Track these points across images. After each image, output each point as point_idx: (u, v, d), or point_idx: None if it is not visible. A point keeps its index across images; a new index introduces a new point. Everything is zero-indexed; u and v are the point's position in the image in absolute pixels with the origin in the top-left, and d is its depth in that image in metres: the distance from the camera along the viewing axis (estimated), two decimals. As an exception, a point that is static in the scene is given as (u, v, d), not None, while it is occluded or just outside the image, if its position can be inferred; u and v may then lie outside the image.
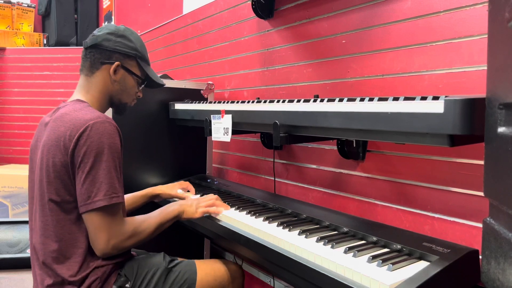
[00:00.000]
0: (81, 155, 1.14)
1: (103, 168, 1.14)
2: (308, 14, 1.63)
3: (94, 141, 1.14)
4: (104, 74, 1.32)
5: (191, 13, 2.58)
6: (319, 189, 1.60)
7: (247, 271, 2.01)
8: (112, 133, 1.18)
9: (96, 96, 1.33)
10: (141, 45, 1.39)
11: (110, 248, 1.16)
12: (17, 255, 2.69)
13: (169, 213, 1.32)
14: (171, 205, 1.35)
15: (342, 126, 1.04)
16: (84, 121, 1.16)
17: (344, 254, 0.99)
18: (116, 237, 1.17)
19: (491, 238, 0.66)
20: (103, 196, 1.13)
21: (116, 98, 1.37)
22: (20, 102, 3.96)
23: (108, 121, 1.18)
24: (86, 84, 1.33)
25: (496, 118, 0.64)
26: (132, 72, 1.36)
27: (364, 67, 1.40)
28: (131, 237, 1.21)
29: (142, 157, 1.90)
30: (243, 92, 2.06)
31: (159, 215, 1.30)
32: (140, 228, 1.23)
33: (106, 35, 1.31)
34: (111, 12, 4.23)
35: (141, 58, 1.38)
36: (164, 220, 1.30)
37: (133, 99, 1.42)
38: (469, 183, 1.10)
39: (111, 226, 1.16)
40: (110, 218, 1.16)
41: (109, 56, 1.32)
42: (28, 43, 4.34)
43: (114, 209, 1.16)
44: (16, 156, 3.99)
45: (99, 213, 1.14)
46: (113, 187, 1.15)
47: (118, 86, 1.35)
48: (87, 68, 1.33)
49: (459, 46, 1.13)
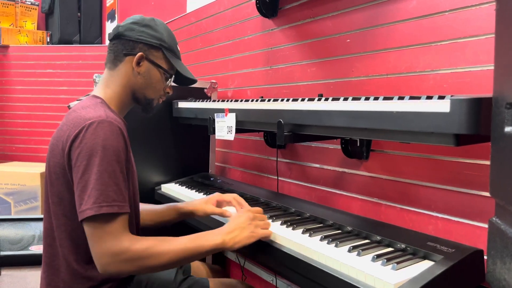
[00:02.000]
0: (75, 158, 1.03)
1: (95, 172, 1.00)
2: (312, 13, 1.63)
3: (88, 143, 1.02)
4: (127, 66, 1.21)
5: (194, 12, 2.58)
6: (322, 188, 1.60)
7: (249, 270, 2.01)
8: (111, 133, 1.04)
9: (117, 90, 1.22)
10: (168, 35, 1.27)
11: (104, 266, 0.99)
12: (19, 252, 2.70)
13: (204, 243, 1.06)
14: (214, 232, 1.10)
15: (347, 125, 1.04)
16: (83, 120, 1.05)
17: (348, 253, 0.99)
18: (111, 255, 0.98)
19: (497, 238, 0.66)
20: (92, 204, 0.98)
21: (140, 93, 1.25)
22: (23, 100, 3.96)
23: (109, 121, 1.05)
24: (108, 77, 1.23)
25: (503, 118, 0.63)
26: (157, 64, 1.24)
27: (368, 66, 1.40)
28: (132, 260, 1.00)
29: (145, 155, 1.90)
30: (247, 91, 2.06)
31: (188, 243, 1.05)
32: (149, 251, 1.00)
33: (130, 25, 1.22)
34: (114, 10, 4.23)
35: (168, 49, 1.26)
36: (194, 251, 1.05)
37: (160, 95, 1.29)
38: (473, 183, 1.10)
39: (104, 240, 0.98)
40: (102, 230, 0.99)
41: (132, 47, 1.21)
42: (32, 41, 4.34)
43: (108, 221, 1.00)
44: (19, 154, 4.00)
45: (90, 224, 1.00)
46: (104, 194, 0.99)
47: (142, 79, 1.23)
48: (110, 61, 1.24)
49: (464, 45, 1.12)
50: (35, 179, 3.35)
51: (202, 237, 1.08)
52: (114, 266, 0.99)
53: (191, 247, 1.05)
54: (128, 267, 1.01)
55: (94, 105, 1.15)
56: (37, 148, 3.92)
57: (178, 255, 1.04)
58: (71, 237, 1.11)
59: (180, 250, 1.04)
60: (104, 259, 0.99)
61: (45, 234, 1.17)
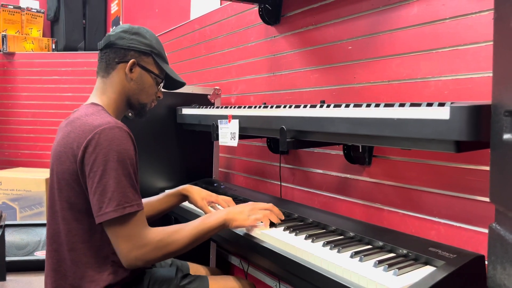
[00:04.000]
0: (90, 164, 1.07)
1: (114, 176, 1.06)
2: (315, 20, 1.64)
3: (103, 148, 1.07)
4: (120, 73, 1.27)
5: (198, 19, 2.61)
6: (325, 194, 1.61)
7: (253, 275, 2.02)
8: (123, 139, 1.10)
9: (113, 97, 1.27)
10: (156, 42, 1.33)
11: (133, 259, 1.08)
12: (25, 257, 2.73)
13: (211, 221, 1.19)
14: (216, 212, 1.24)
15: (349, 131, 1.05)
16: (93, 127, 1.10)
17: (351, 258, 0.99)
18: (138, 248, 1.08)
19: (497, 244, 0.67)
20: (116, 206, 1.05)
21: (134, 98, 1.30)
22: (29, 106, 4.00)
23: (119, 127, 1.11)
24: (102, 85, 1.28)
25: (502, 125, 0.64)
26: (149, 69, 1.29)
27: (370, 73, 1.41)
28: (157, 249, 1.10)
29: (149, 161, 1.92)
30: (250, 97, 2.07)
31: (198, 225, 1.17)
32: (169, 239, 1.12)
33: (120, 34, 1.27)
34: (119, 17, 4.27)
35: (158, 55, 1.32)
36: (203, 230, 1.17)
37: (152, 99, 1.35)
38: (475, 188, 1.11)
39: (131, 236, 1.08)
40: (127, 228, 1.08)
41: (124, 54, 1.26)
42: (37, 48, 4.39)
43: (130, 219, 1.08)
44: (24, 160, 4.03)
45: (115, 224, 1.07)
46: (125, 196, 1.07)
47: (135, 85, 1.28)
48: (103, 69, 1.29)
49: (465, 52, 1.13)
50: (41, 185, 3.37)
51: (208, 217, 1.21)
52: (143, 257, 1.09)
53: (202, 227, 1.17)
54: (154, 256, 1.11)
55: (97, 112, 1.18)
56: (42, 154, 3.95)
57: (194, 236, 1.15)
58: (84, 240, 1.15)
59: (194, 231, 1.16)
60: (134, 253, 1.08)
61: (51, 240, 1.19)
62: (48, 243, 1.20)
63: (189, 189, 1.50)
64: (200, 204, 1.46)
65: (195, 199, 1.47)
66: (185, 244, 1.14)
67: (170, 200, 1.51)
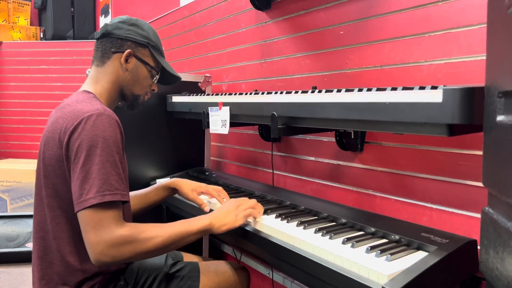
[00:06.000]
0: (75, 149, 1.04)
1: (96, 162, 1.02)
2: (306, 5, 1.62)
3: (88, 134, 1.04)
4: (115, 63, 1.25)
5: (188, 6, 2.57)
6: (317, 181, 1.60)
7: (245, 263, 2.02)
8: (109, 125, 1.07)
9: (106, 86, 1.25)
10: (154, 34, 1.33)
11: (98, 254, 0.99)
12: (16, 249, 2.70)
13: (194, 227, 1.12)
14: (200, 217, 1.17)
15: (340, 117, 1.04)
16: (81, 113, 1.08)
17: (342, 245, 0.99)
18: (104, 242, 0.99)
19: (489, 228, 0.66)
20: (95, 193, 1.00)
21: (127, 89, 1.29)
22: (18, 96, 3.94)
23: (107, 114, 1.09)
24: (97, 74, 1.26)
25: (495, 107, 0.63)
26: (144, 61, 1.29)
27: (362, 58, 1.39)
28: (125, 244, 1.01)
29: (139, 150, 1.89)
30: (241, 84, 2.05)
31: (178, 227, 1.10)
32: (140, 236, 1.03)
33: (117, 24, 1.26)
34: (108, 5, 4.20)
35: (154, 48, 1.31)
36: (183, 233, 1.10)
37: (146, 92, 1.34)
38: (467, 173, 1.10)
39: (99, 228, 1.00)
40: (100, 218, 1.00)
41: (120, 44, 1.25)
42: (25, 37, 4.31)
43: (107, 208, 1.02)
44: (14, 151, 3.98)
45: (88, 213, 1.01)
46: (107, 183, 1.02)
47: (130, 76, 1.27)
48: (98, 58, 1.27)
49: (457, 36, 1.12)
50: (31, 176, 3.33)
51: (191, 220, 1.14)
52: (110, 253, 1.00)
53: (182, 229, 1.10)
54: (123, 253, 1.02)
55: (88, 99, 1.17)
56: (32, 145, 3.90)
57: (171, 237, 1.08)
58: (67, 229, 1.13)
59: (172, 232, 1.08)
60: (100, 247, 0.99)
61: (37, 227, 1.18)
62: (34, 230, 1.19)
63: (177, 182, 1.46)
64: (191, 197, 1.41)
65: (185, 192, 1.43)
66: (160, 245, 1.06)
67: (158, 193, 1.47)
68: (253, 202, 1.24)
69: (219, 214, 1.17)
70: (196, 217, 1.17)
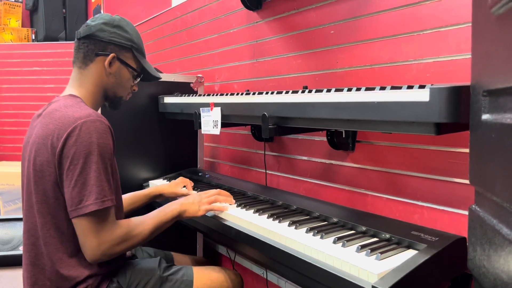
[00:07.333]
0: (70, 157, 1.07)
1: (94, 170, 1.07)
2: (296, 4, 1.62)
3: (84, 141, 1.07)
4: (98, 66, 1.26)
5: (179, 6, 2.56)
6: (310, 181, 1.60)
7: (240, 264, 2.02)
8: (103, 132, 1.11)
9: (90, 89, 1.27)
10: (137, 36, 1.33)
11: (99, 254, 1.09)
12: (10, 252, 2.67)
13: (168, 213, 1.25)
14: (171, 204, 1.28)
15: (330, 116, 1.04)
16: (73, 119, 1.09)
17: (333, 244, 0.99)
18: (106, 242, 1.09)
19: (476, 225, 0.66)
20: (94, 200, 1.06)
21: (111, 91, 1.31)
22: (10, 99, 3.91)
23: (100, 120, 1.11)
24: (80, 77, 1.27)
25: (480, 106, 0.63)
26: (128, 64, 1.30)
27: (352, 57, 1.40)
28: (123, 241, 1.13)
29: (132, 151, 1.88)
30: (233, 84, 2.05)
31: (156, 216, 1.23)
32: (134, 232, 1.16)
33: (101, 25, 1.25)
34: (100, 5, 4.18)
35: (137, 50, 1.32)
36: (161, 221, 1.23)
37: (128, 92, 1.36)
38: (457, 171, 1.11)
39: (101, 231, 1.08)
40: (100, 223, 1.08)
41: (104, 47, 1.25)
42: (16, 39, 4.28)
43: (105, 213, 1.09)
44: (7, 153, 3.95)
45: (89, 218, 1.07)
46: (104, 190, 1.08)
47: (113, 79, 1.29)
48: (80, 60, 1.27)
49: (446, 34, 1.12)
50: (24, 178, 3.31)
51: (166, 208, 1.27)
52: (110, 251, 1.11)
53: (161, 219, 1.23)
54: (120, 249, 1.13)
55: (77, 104, 1.17)
56: (25, 147, 3.87)
57: (154, 228, 1.21)
58: (56, 234, 1.13)
59: (153, 225, 1.21)
60: (102, 248, 1.09)
61: (28, 233, 1.17)
62: (25, 237, 1.18)
63: (158, 188, 1.59)
64: (174, 191, 1.56)
65: (168, 192, 1.57)
66: (147, 235, 1.19)
67: (142, 200, 1.56)
68: (216, 190, 1.37)
69: (185, 202, 1.29)
70: (167, 205, 1.29)
